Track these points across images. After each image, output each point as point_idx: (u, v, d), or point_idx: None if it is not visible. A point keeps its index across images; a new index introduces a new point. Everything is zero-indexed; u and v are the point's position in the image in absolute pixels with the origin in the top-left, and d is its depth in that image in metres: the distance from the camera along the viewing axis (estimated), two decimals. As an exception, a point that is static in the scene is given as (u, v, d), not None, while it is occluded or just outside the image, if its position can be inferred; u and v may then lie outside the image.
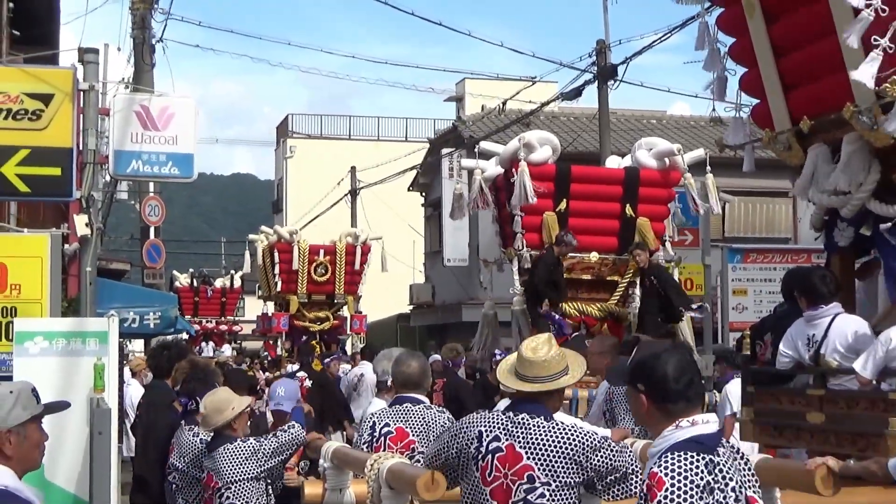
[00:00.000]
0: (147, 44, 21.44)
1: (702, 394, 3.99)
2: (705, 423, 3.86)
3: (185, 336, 26.80)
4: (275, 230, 23.24)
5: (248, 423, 7.64)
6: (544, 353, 5.11)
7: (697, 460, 3.76)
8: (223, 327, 34.84)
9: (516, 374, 5.15)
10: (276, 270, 22.65)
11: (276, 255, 22.58)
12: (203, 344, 33.27)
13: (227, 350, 33.91)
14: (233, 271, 36.87)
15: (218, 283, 35.49)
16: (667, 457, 3.80)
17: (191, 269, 36.99)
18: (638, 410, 4.03)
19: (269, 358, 24.42)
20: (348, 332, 23.80)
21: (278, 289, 22.76)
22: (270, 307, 24.09)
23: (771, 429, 7.57)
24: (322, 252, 22.82)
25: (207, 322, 34.39)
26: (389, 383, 7.79)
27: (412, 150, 38.61)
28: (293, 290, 22.71)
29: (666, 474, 3.75)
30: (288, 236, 22.73)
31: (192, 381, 8.16)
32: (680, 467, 3.75)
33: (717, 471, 3.75)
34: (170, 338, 17.77)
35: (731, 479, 3.76)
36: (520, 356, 5.17)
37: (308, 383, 16.59)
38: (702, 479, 3.72)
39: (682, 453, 3.79)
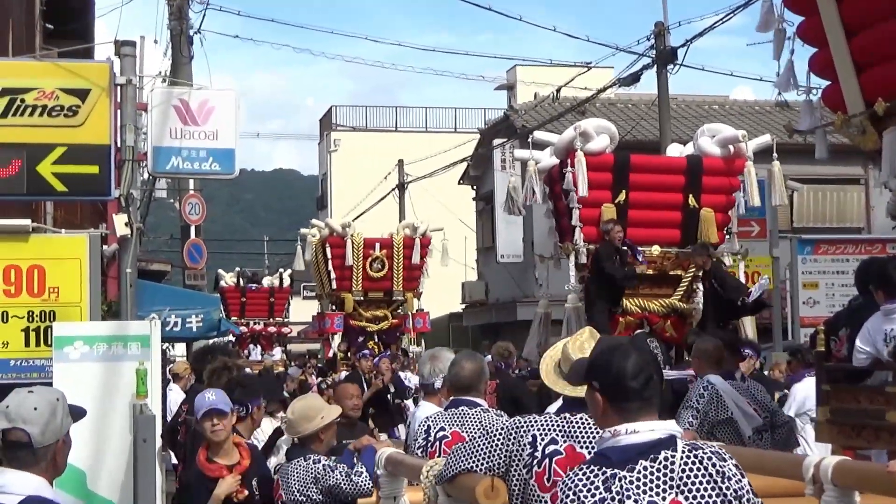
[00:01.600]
0: (185, 35, 21.57)
1: (659, 394, 3.86)
2: (648, 432, 3.76)
3: (230, 339, 26.94)
4: (326, 223, 22.65)
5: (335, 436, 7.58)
6: (589, 350, 5.06)
7: (595, 476, 3.75)
8: (271, 329, 34.43)
9: (563, 377, 5.10)
10: (329, 267, 22.10)
11: (329, 250, 22.04)
12: (251, 347, 33.07)
13: (276, 353, 33.62)
14: (281, 269, 36.41)
15: (265, 282, 35.13)
16: (574, 469, 3.84)
17: (237, 268, 36.50)
18: (594, 411, 3.97)
19: (325, 360, 24.34)
20: (410, 331, 23.07)
21: (332, 286, 22.20)
22: (314, 307, 23.91)
23: (848, 429, 7.50)
24: (378, 246, 22.24)
25: (255, 324, 34.06)
26: (437, 385, 7.77)
27: (462, 142, 38.63)
28: (347, 288, 22.12)
29: (561, 489, 3.81)
30: (340, 229, 22.11)
31: (235, 388, 8.16)
32: (574, 483, 3.77)
33: (617, 487, 3.69)
34: (212, 341, 17.89)
35: (635, 497, 3.68)
36: (565, 357, 5.09)
37: None
38: (594, 495, 3.71)
39: (585, 467, 3.80)
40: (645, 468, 3.72)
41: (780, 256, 22.09)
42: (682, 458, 3.73)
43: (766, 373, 15.58)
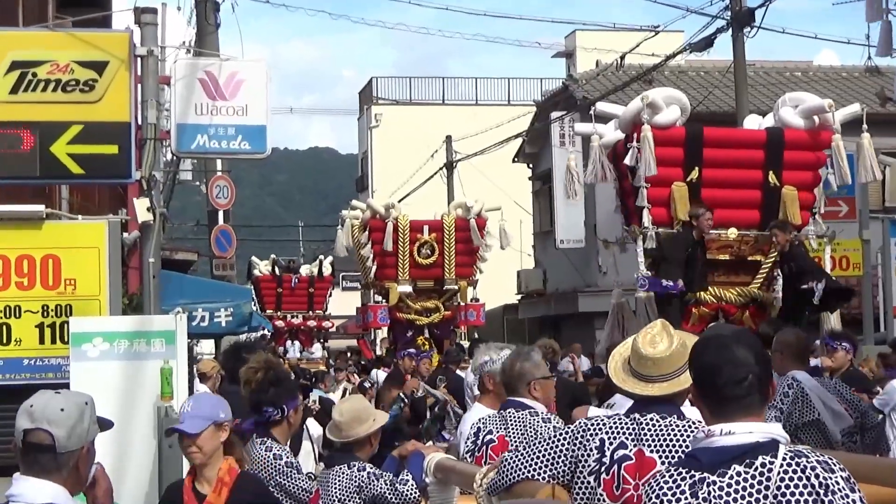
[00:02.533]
0: (211, 1, 21.64)
1: (762, 394, 3.79)
2: (746, 434, 3.71)
3: (264, 333, 26.97)
4: (368, 204, 22.21)
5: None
6: (665, 346, 5.01)
7: (682, 479, 3.75)
8: (311, 323, 33.87)
9: (633, 374, 5.08)
10: (370, 253, 21.71)
11: (370, 234, 21.59)
12: (288, 343, 32.80)
13: (316, 350, 33.35)
14: (321, 257, 35.79)
15: (304, 270, 34.74)
16: (661, 471, 3.85)
17: (272, 255, 35.89)
18: (695, 404, 3.98)
19: (362, 361, 24.29)
20: (463, 325, 22.75)
21: (372, 275, 21.88)
22: (355, 299, 23.76)
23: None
24: (427, 229, 21.80)
25: (293, 317, 33.62)
26: (490, 386, 7.78)
27: (516, 116, 38.54)
28: (392, 276, 21.67)
29: (645, 492, 3.82)
30: (383, 211, 21.57)
31: (271, 386, 8.16)
32: (658, 487, 3.78)
33: (705, 493, 3.67)
34: (243, 337, 17.97)
35: (729, 501, 3.66)
36: (635, 352, 5.07)
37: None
38: (679, 501, 3.71)
39: (673, 469, 3.80)
40: (738, 474, 3.68)
41: (871, 239, 21.91)
42: (781, 465, 3.67)
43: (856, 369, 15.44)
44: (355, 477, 7.03)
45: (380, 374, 20.46)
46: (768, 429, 3.75)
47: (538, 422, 6.69)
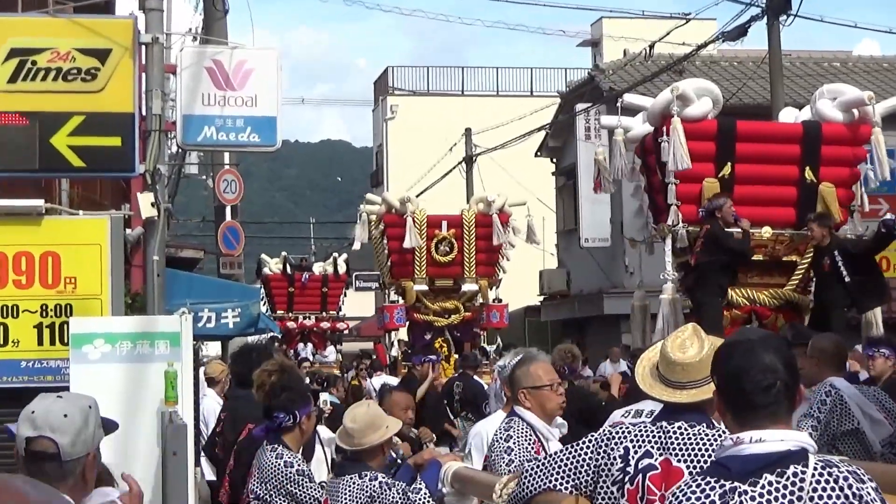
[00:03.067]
0: (218, -14, 21.65)
1: (789, 401, 3.81)
2: (777, 442, 3.72)
3: (274, 335, 26.91)
4: (383, 198, 22.14)
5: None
6: (695, 350, 5.01)
7: (712, 489, 3.76)
8: (324, 325, 33.57)
9: (661, 380, 5.08)
10: (386, 250, 21.66)
11: (385, 229, 21.52)
12: (300, 346, 32.61)
13: (330, 354, 32.99)
14: (335, 255, 35.47)
15: (317, 268, 34.45)
16: (687, 481, 3.87)
17: (283, 253, 35.52)
18: (717, 410, 3.99)
19: (370, 363, 24.22)
20: (484, 326, 22.51)
21: (389, 274, 21.85)
22: (368, 300, 23.65)
23: None
24: (445, 224, 21.62)
25: (305, 318, 33.33)
26: (507, 393, 7.81)
27: (539, 108, 38.56)
28: (408, 274, 21.57)
29: (670, 501, 3.84)
30: (398, 205, 21.43)
31: (283, 391, 8.16)
32: (685, 496, 3.79)
33: (736, 503, 3.69)
34: (252, 339, 17.97)
35: None
36: (664, 357, 5.07)
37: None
38: None
39: (700, 478, 3.81)
40: (770, 483, 3.68)
41: (914, 239, 21.84)
42: (813, 475, 3.68)
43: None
44: (367, 487, 7.04)
45: (375, 382, 20.45)
46: (798, 437, 3.77)
47: (499, 437, 6.87)
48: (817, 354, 9.23)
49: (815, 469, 3.68)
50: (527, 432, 6.89)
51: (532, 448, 6.77)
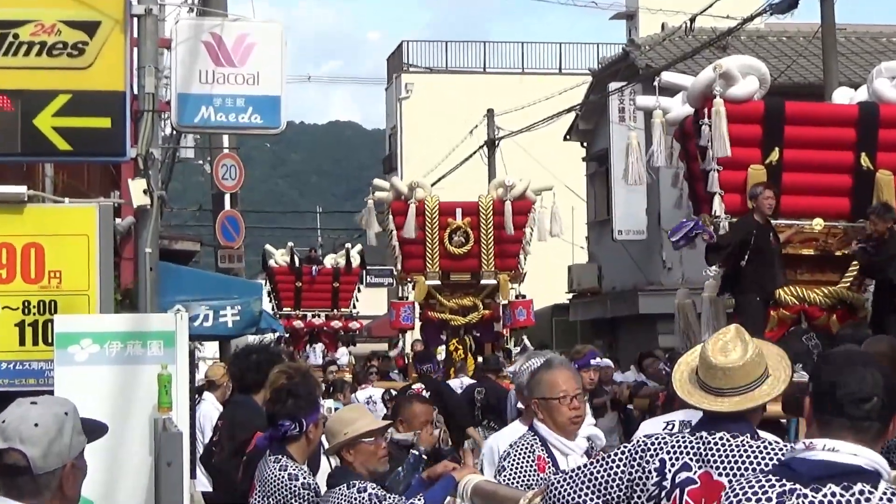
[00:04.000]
0: (217, -48, 21.69)
1: (884, 422, 3.88)
2: (849, 455, 3.79)
3: (280, 335, 26.80)
4: (391, 183, 22.01)
5: (382, 458, 7.59)
6: (738, 354, 5.00)
7: (771, 486, 3.86)
8: (336, 324, 32.93)
9: (702, 387, 5.07)
10: (395, 241, 21.43)
11: (393, 218, 21.33)
12: (308, 348, 32.26)
13: (342, 356, 31.99)
14: (348, 245, 34.57)
15: (328, 261, 33.80)
16: (746, 476, 4.07)
17: (290, 243, 34.84)
18: (805, 419, 4.06)
19: (376, 368, 24.01)
20: (509, 326, 22.12)
21: (400, 268, 21.74)
22: (381, 297, 23.46)
23: None
24: (460, 212, 21.39)
25: (314, 316, 32.75)
26: (521, 401, 7.83)
27: (569, 87, 38.53)
28: (419, 268, 21.41)
29: (726, 494, 4.02)
30: (406, 190, 21.31)
31: (290, 397, 8.15)
32: (742, 491, 3.92)
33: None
34: (253, 339, 18.01)
35: None
36: (704, 360, 5.05)
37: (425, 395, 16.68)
38: None
39: (762, 475, 3.94)
40: (832, 493, 3.74)
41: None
42: (881, 499, 3.74)
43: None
44: (354, 499, 7.07)
45: (360, 396, 20.32)
46: (874, 457, 3.82)
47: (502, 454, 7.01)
48: None
49: (885, 494, 3.74)
50: (528, 452, 6.88)
51: (530, 469, 6.77)
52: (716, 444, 4.90)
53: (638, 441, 5.10)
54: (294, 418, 7.89)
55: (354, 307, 33.70)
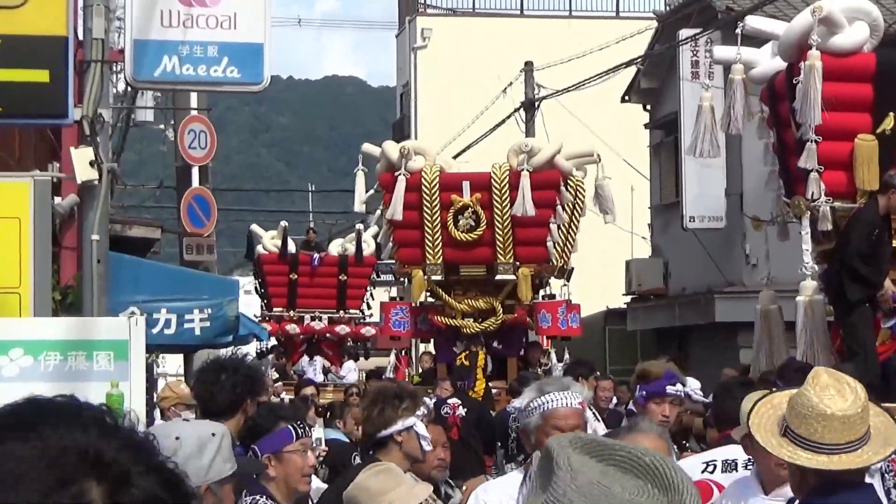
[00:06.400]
0: None
1: None
2: None
3: (269, 346, 26.75)
4: (382, 150, 21.48)
5: None
6: (849, 401, 4.97)
7: None
8: (342, 329, 32.18)
9: (792, 438, 5.06)
10: (385, 225, 21.27)
11: (383, 194, 21.09)
12: (305, 361, 31.57)
13: (349, 373, 31.63)
14: (360, 227, 32.51)
15: (333, 247, 33.11)
16: None
17: (283, 223, 33.75)
18: None
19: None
20: (543, 333, 21.83)
21: (397, 259, 21.63)
22: (385, 295, 23.13)
23: None
24: (467, 187, 20.77)
25: (314, 319, 31.90)
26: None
27: (628, 34, 38.47)
28: (416, 259, 21.00)
29: None
30: (396, 158, 20.84)
31: (254, 418, 8.19)
32: None
33: None
34: (224, 351, 18.05)
35: None
36: (803, 408, 5.03)
37: (461, 411, 16.74)
38: None
39: None
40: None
41: None
42: None
43: None
44: None
45: (316, 433, 20.16)
46: None
47: None
48: None
49: None
50: None
51: None
52: None
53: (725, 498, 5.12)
54: (246, 445, 7.84)
55: (369, 307, 32.30)
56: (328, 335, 32.17)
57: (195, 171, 25.55)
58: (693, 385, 19.65)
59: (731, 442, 5.16)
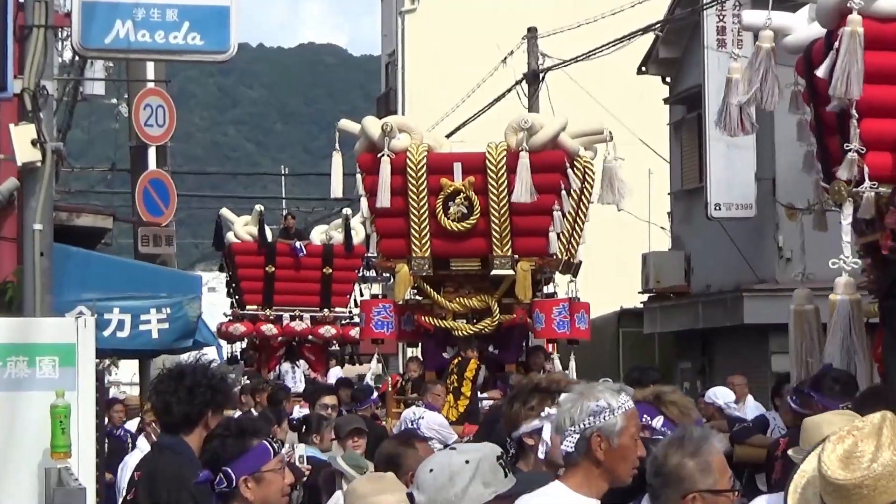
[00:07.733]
0: None
1: None
2: None
3: (233, 350, 26.71)
4: (361, 127, 21.55)
5: None
6: (865, 462, 4.99)
7: None
8: (327, 330, 32.11)
9: None
10: (366, 212, 21.41)
11: (361, 178, 21.13)
12: (283, 367, 31.56)
13: (335, 379, 31.40)
14: (347, 212, 32.45)
15: (316, 236, 33.18)
16: None
17: (258, 207, 33.67)
18: None
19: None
20: (543, 335, 21.83)
21: (378, 250, 21.71)
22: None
23: None
24: (459, 169, 20.90)
25: (294, 319, 31.92)
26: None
27: (644, -3, 38.60)
28: (401, 251, 21.14)
29: None
30: (377, 136, 20.88)
31: (219, 435, 8.16)
32: None
33: None
34: (185, 357, 18.09)
35: None
36: (834, 478, 5.02)
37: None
38: None
39: None
40: None
41: None
42: None
43: None
44: None
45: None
46: None
47: None
48: None
49: None
50: None
51: None
52: None
53: None
54: (214, 468, 7.72)
55: (356, 306, 31.59)
56: (311, 337, 32.14)
57: (152, 152, 25.55)
58: (724, 397, 19.68)
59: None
